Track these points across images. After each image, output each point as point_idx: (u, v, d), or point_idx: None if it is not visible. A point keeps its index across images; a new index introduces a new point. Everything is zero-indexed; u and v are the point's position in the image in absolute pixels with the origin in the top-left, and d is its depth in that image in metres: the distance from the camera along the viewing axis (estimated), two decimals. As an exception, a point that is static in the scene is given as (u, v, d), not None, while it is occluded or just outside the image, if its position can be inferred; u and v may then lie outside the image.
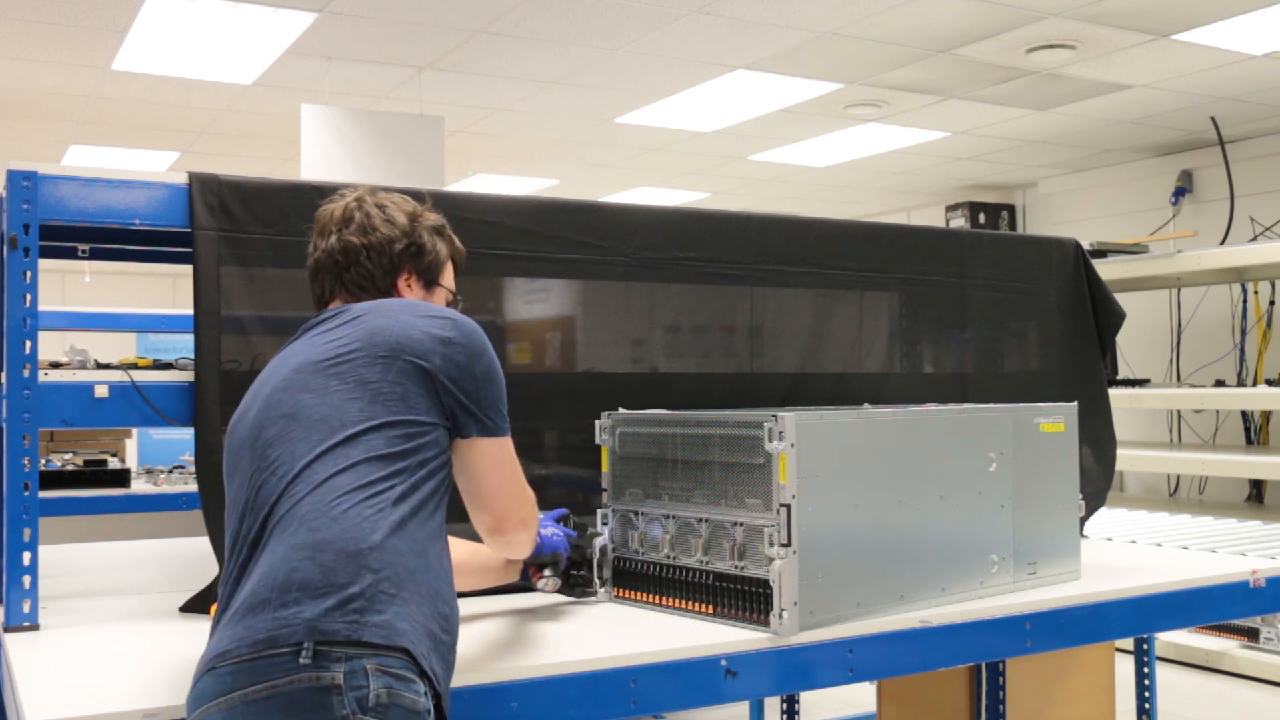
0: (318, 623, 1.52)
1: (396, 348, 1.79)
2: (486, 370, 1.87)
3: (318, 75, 6.32)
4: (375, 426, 1.72)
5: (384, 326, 1.83)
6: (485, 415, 1.86)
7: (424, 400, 1.78)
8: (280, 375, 1.83)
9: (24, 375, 2.22)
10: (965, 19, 5.53)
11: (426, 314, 1.87)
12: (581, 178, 9.47)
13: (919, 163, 8.86)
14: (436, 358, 1.80)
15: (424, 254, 2.06)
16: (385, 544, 1.63)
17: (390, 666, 1.54)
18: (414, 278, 2.05)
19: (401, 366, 1.78)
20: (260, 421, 1.79)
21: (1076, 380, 3.53)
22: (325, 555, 1.59)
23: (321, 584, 1.56)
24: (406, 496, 1.70)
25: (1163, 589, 2.73)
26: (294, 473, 1.69)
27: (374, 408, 1.74)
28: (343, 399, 1.74)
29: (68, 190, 2.29)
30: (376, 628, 1.55)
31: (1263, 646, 5.75)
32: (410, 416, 1.76)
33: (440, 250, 2.10)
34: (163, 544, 3.51)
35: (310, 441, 1.71)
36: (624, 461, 2.51)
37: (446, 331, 1.84)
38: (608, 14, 5.43)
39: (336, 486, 1.66)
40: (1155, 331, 8.11)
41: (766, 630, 2.16)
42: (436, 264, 2.09)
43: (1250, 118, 7.42)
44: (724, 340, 3.07)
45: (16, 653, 2.05)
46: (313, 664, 1.49)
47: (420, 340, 1.81)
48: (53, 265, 3.41)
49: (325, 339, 1.85)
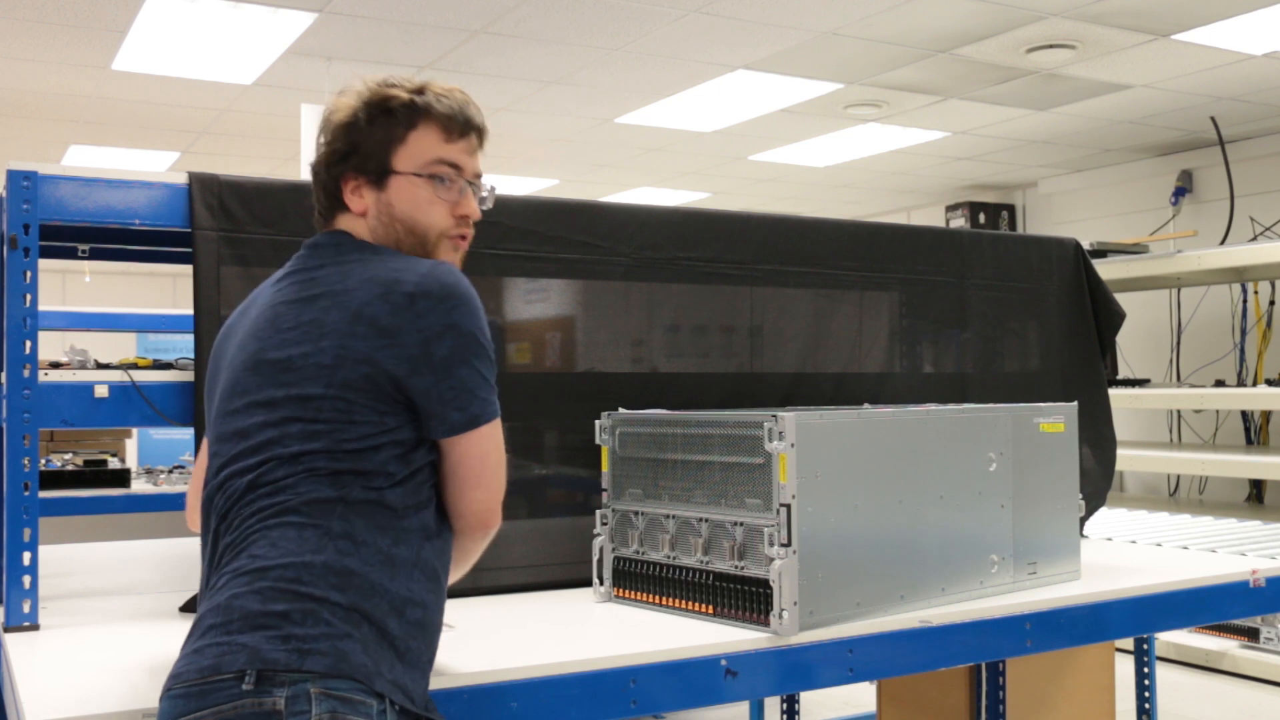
0: (260, 650, 1.50)
1: (340, 354, 1.62)
2: (450, 354, 1.64)
3: (318, 75, 6.32)
4: (320, 450, 1.61)
5: (335, 324, 1.64)
6: (453, 409, 1.65)
7: (374, 409, 1.62)
8: (245, 359, 1.72)
9: (24, 375, 2.22)
10: (965, 19, 5.52)
11: (383, 290, 1.64)
12: (581, 178, 9.47)
13: (919, 163, 8.86)
14: (383, 356, 1.62)
15: (357, 150, 1.76)
16: (330, 566, 1.56)
17: (336, 689, 1.50)
18: (360, 182, 1.77)
19: (345, 377, 1.62)
20: (225, 419, 1.71)
21: (1076, 380, 3.53)
22: (263, 583, 1.55)
23: (260, 613, 1.52)
24: (362, 508, 1.61)
25: (1163, 589, 2.73)
26: (238, 492, 1.64)
27: (316, 426, 1.61)
28: (286, 415, 1.63)
29: (68, 190, 2.29)
30: (320, 655, 1.51)
31: (1263, 646, 5.75)
32: (358, 434, 1.61)
33: (386, 132, 1.76)
34: (163, 544, 3.50)
35: (255, 460, 1.63)
36: (624, 461, 2.51)
37: (394, 318, 1.62)
38: (608, 14, 5.43)
39: (279, 509, 1.60)
40: (1155, 331, 8.11)
41: (766, 630, 2.16)
42: (381, 150, 1.76)
43: (1250, 118, 7.42)
44: (724, 340, 3.07)
45: (16, 653, 2.05)
46: (255, 689, 1.48)
47: (364, 339, 1.62)
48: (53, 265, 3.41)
49: (287, 317, 1.69)
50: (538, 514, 2.75)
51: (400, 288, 1.64)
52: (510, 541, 2.49)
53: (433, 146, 1.78)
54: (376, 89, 1.77)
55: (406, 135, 1.77)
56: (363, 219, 1.78)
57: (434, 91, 1.79)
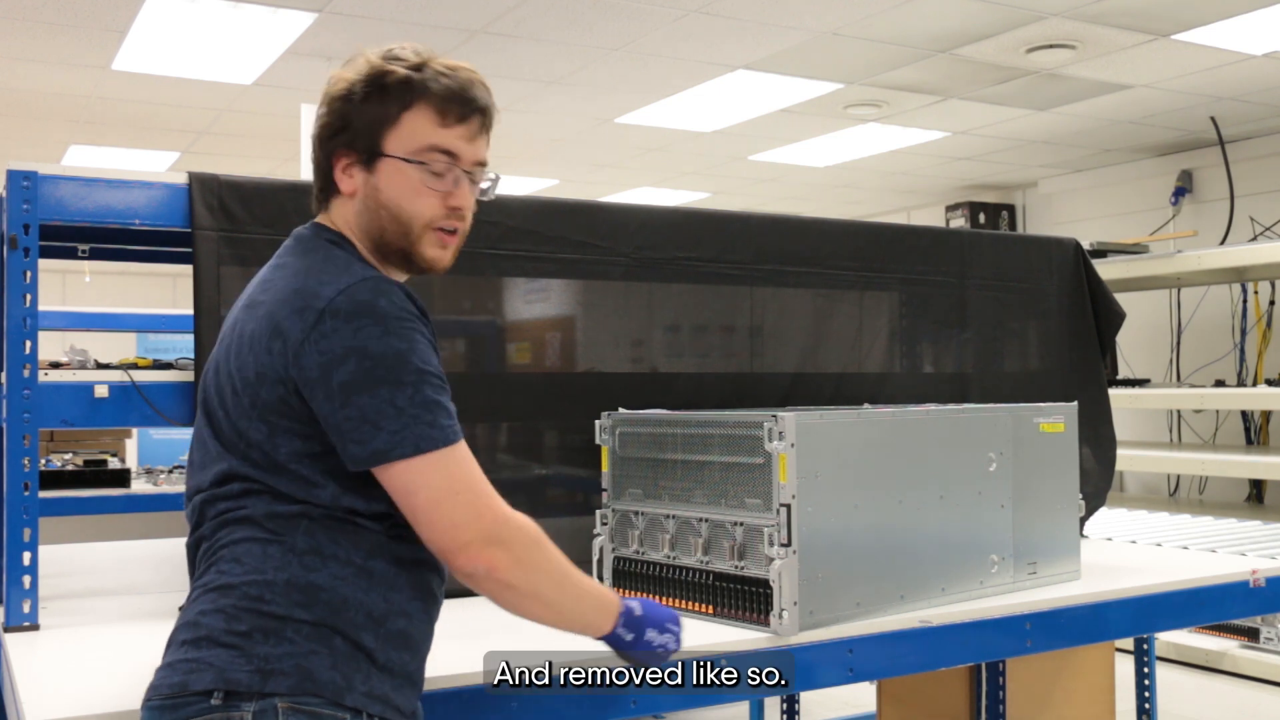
0: (224, 671, 1.49)
1: (260, 372, 1.53)
2: (351, 378, 1.48)
3: (318, 75, 6.29)
4: (274, 467, 1.55)
5: (255, 336, 1.55)
6: (350, 441, 1.49)
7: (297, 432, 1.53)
8: (214, 361, 1.66)
9: (24, 375, 2.22)
10: (965, 19, 5.52)
11: (299, 304, 1.52)
12: (581, 178, 9.47)
13: (919, 163, 8.86)
14: (291, 374, 1.51)
15: (348, 127, 1.62)
16: (294, 583, 1.53)
17: (305, 704, 1.49)
18: (350, 161, 1.64)
19: (265, 398, 1.53)
20: (201, 415, 1.68)
21: (1076, 380, 3.53)
22: (228, 601, 1.53)
23: (225, 631, 1.51)
24: (328, 522, 1.55)
25: (1163, 589, 2.73)
26: (204, 503, 1.62)
27: (252, 453, 1.55)
28: (231, 431, 1.57)
29: (68, 190, 2.29)
30: (283, 675, 1.49)
31: (1263, 646, 5.75)
32: (291, 455, 1.54)
33: (378, 111, 1.61)
34: (163, 544, 3.50)
35: (216, 472, 1.59)
36: (624, 461, 2.51)
37: (301, 334, 1.50)
38: (608, 14, 5.43)
39: (243, 523, 1.56)
40: (1155, 331, 8.11)
41: (766, 630, 2.16)
42: (372, 130, 1.61)
43: (1250, 118, 7.42)
44: (724, 340, 3.07)
45: (16, 653, 2.05)
46: (223, 704, 1.48)
47: (279, 355, 1.52)
48: (53, 265, 3.40)
49: (246, 321, 1.60)
50: (538, 514, 2.71)
51: (314, 302, 1.52)
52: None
53: (427, 130, 1.62)
54: (377, 62, 1.62)
55: (400, 116, 1.61)
56: (351, 201, 1.65)
57: (434, 68, 1.62)
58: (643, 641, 1.76)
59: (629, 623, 1.75)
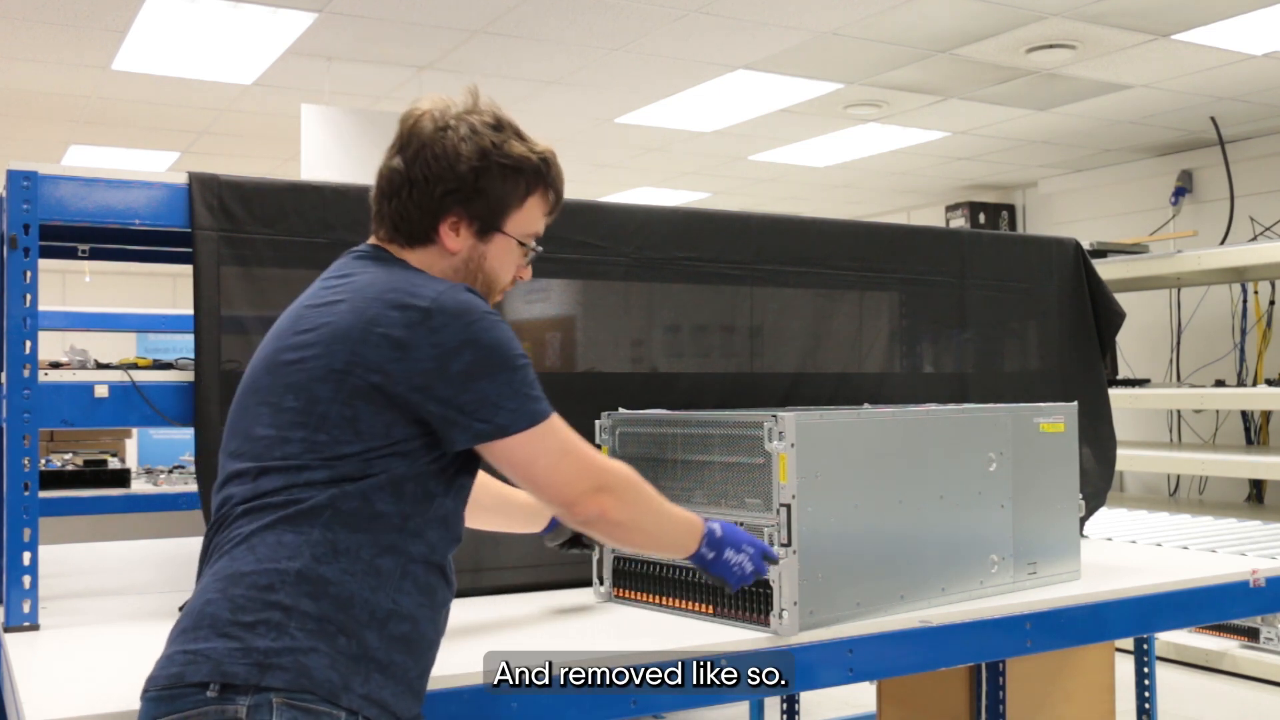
0: (222, 663, 1.50)
1: (351, 360, 1.61)
2: (469, 367, 1.62)
3: (318, 75, 6.32)
4: (319, 457, 1.60)
5: (346, 330, 1.63)
6: (476, 420, 1.63)
7: (382, 419, 1.61)
8: (263, 358, 1.73)
9: (24, 375, 2.23)
10: (965, 19, 5.52)
11: (397, 304, 1.63)
12: (581, 178, 9.47)
13: (919, 163, 8.86)
14: (394, 368, 1.61)
15: (481, 196, 1.75)
16: (305, 574, 1.55)
17: (300, 701, 1.50)
18: (464, 222, 1.76)
19: (354, 386, 1.61)
20: (235, 415, 1.73)
21: (1076, 380, 3.53)
22: (236, 589, 1.55)
23: (228, 621, 1.53)
24: (349, 515, 1.59)
25: (1163, 589, 2.73)
26: (234, 497, 1.64)
27: (317, 436, 1.61)
28: (291, 419, 1.63)
29: (68, 190, 2.29)
30: (281, 670, 1.50)
31: (1263, 646, 5.75)
32: (361, 446, 1.61)
33: (511, 190, 1.78)
34: (163, 544, 3.51)
35: (253, 467, 1.64)
36: (624, 461, 2.50)
37: (407, 331, 1.62)
38: (608, 14, 5.43)
39: (265, 513, 1.59)
40: (1155, 331, 8.11)
41: (766, 630, 2.16)
42: (500, 207, 1.77)
43: (1250, 118, 7.42)
44: (724, 340, 3.07)
45: (16, 653, 2.06)
46: (219, 697, 1.49)
47: (377, 347, 1.61)
48: (53, 265, 3.40)
49: (309, 319, 1.69)
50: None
51: (416, 302, 1.63)
52: (510, 541, 2.49)
53: (537, 218, 1.84)
54: (509, 141, 1.77)
55: (525, 200, 1.80)
56: (447, 256, 1.77)
57: (553, 164, 1.83)
58: (721, 560, 2.00)
59: (711, 542, 1.99)
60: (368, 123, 6.35)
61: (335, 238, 2.49)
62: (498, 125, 1.77)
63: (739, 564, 2.00)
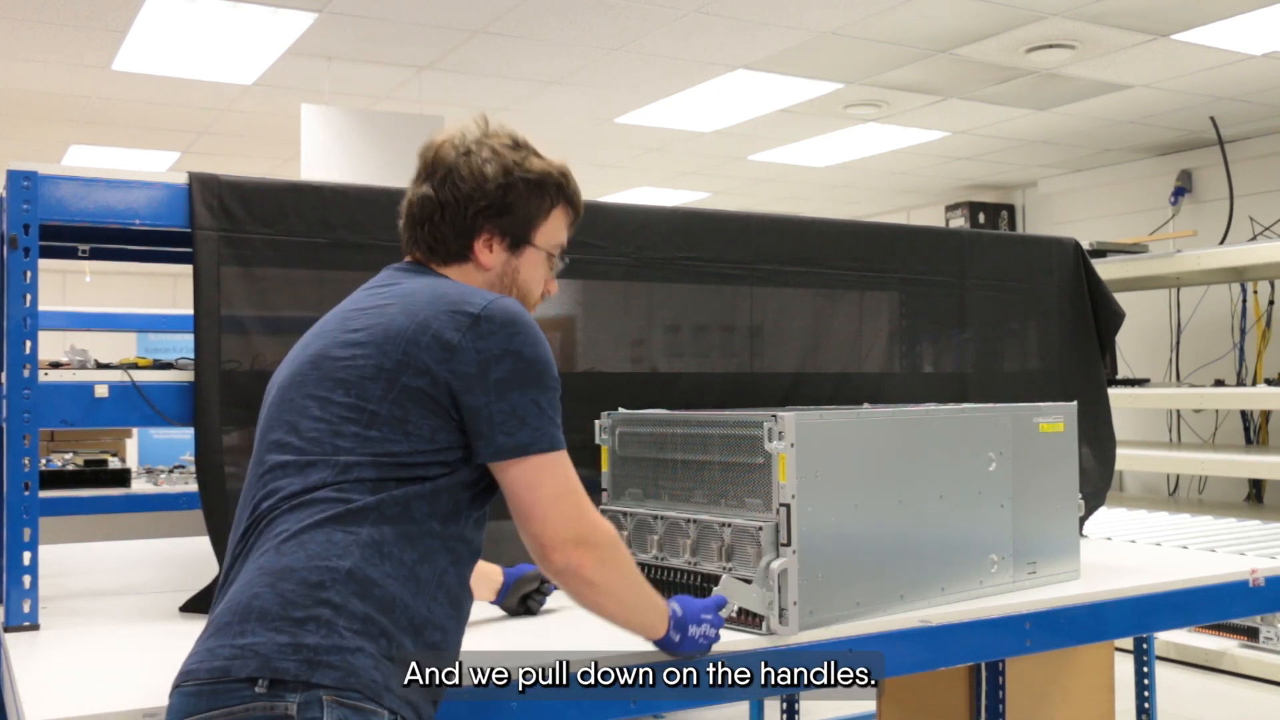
0: (271, 659, 1.50)
1: (402, 362, 1.65)
2: (508, 376, 1.65)
3: (318, 75, 6.32)
4: (368, 455, 1.63)
5: (400, 330, 1.67)
6: (500, 432, 1.65)
7: (429, 423, 1.64)
8: (308, 355, 1.75)
9: (24, 375, 2.23)
10: (965, 19, 5.53)
11: (450, 308, 1.68)
12: (581, 178, 9.40)
13: (919, 163, 8.86)
14: (442, 371, 1.64)
15: (510, 212, 1.82)
16: (354, 573, 1.56)
17: (349, 699, 1.51)
18: (496, 238, 1.83)
19: (403, 387, 1.64)
20: (278, 407, 1.74)
21: (1076, 380, 3.53)
22: (286, 585, 1.55)
23: (278, 616, 1.53)
24: (393, 520, 1.61)
25: (1162, 589, 2.72)
26: (280, 490, 1.65)
27: (369, 433, 1.63)
28: (340, 415, 1.65)
29: (68, 190, 2.29)
30: (330, 668, 1.51)
31: (1262, 646, 5.75)
32: (409, 446, 1.63)
33: (536, 204, 1.85)
34: (163, 544, 3.51)
35: (299, 460, 1.65)
36: (624, 461, 2.51)
37: (458, 334, 1.65)
38: (608, 14, 5.43)
39: (314, 509, 1.61)
40: (1155, 331, 8.11)
41: (766, 630, 2.16)
42: (528, 221, 1.85)
43: (1250, 118, 7.43)
44: (724, 340, 3.07)
45: (16, 653, 2.06)
46: (268, 694, 1.49)
47: (428, 349, 1.65)
48: (53, 265, 3.41)
49: (357, 321, 1.73)
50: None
51: (467, 308, 1.68)
52: (509, 541, 2.49)
53: (561, 229, 1.91)
54: (530, 158, 1.85)
55: (550, 213, 1.88)
56: (482, 272, 1.83)
57: (571, 177, 1.92)
58: (688, 639, 1.96)
59: (677, 624, 1.94)
60: (368, 123, 6.36)
61: (335, 237, 2.49)
62: (516, 145, 1.85)
63: (703, 635, 1.98)
